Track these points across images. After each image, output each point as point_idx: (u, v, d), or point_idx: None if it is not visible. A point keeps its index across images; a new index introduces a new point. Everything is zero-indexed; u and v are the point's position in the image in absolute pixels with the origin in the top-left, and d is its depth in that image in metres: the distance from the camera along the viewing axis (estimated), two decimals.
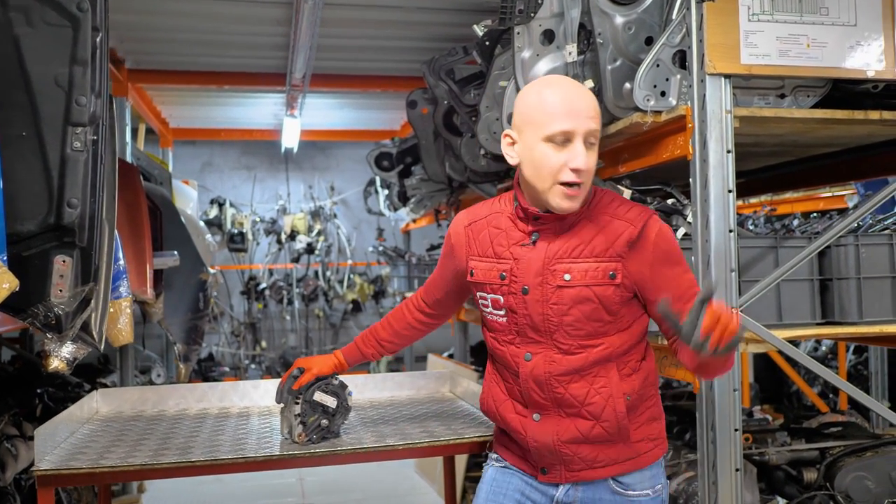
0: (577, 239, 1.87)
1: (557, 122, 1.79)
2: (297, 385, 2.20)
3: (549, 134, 1.79)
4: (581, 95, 1.83)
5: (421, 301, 2.27)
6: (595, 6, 2.72)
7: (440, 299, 2.23)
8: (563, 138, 1.79)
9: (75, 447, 2.19)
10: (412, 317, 2.28)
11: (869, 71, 2.55)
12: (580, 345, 1.87)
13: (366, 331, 2.33)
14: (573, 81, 1.92)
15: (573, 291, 1.85)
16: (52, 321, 2.10)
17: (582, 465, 1.91)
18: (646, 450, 1.94)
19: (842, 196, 5.82)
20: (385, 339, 2.29)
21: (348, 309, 9.55)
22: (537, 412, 1.91)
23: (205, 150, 9.41)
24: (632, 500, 1.93)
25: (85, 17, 2.09)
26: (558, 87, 1.86)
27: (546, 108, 1.81)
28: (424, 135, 4.77)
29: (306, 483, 5.74)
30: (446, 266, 2.14)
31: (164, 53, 5.60)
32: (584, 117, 1.79)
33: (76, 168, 2.08)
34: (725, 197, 2.43)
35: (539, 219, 1.89)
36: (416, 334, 2.31)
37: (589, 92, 1.87)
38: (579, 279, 1.85)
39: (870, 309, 2.73)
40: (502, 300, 1.92)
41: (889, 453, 2.97)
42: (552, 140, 1.80)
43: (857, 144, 3.23)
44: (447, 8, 4.57)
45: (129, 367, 5.13)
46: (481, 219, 2.01)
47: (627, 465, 1.92)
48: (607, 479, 1.92)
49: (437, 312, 2.26)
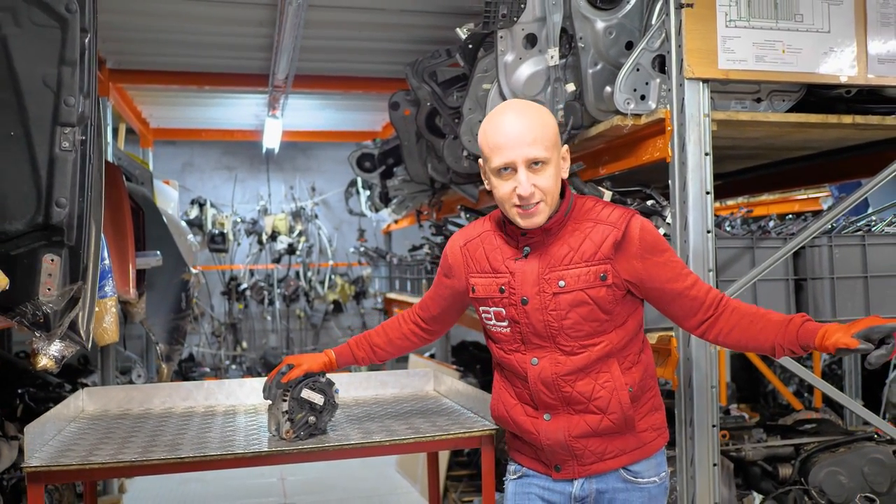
0: (566, 247, 1.96)
1: (497, 157, 1.91)
2: (285, 379, 2.24)
3: (494, 168, 1.93)
4: (519, 123, 1.91)
5: (417, 316, 2.36)
6: (577, 11, 2.78)
7: (436, 315, 2.32)
8: (506, 169, 1.91)
9: (64, 445, 2.20)
10: (407, 328, 2.36)
11: (842, 76, 2.62)
12: (581, 345, 1.96)
13: (359, 335, 2.40)
14: (519, 107, 1.98)
15: (569, 296, 1.94)
16: (40, 319, 2.12)
17: (593, 459, 2.00)
18: (650, 439, 2.04)
19: (816, 198, 5.92)
20: (378, 345, 2.36)
21: (329, 309, 9.56)
22: (547, 412, 2.00)
23: (185, 151, 9.37)
24: (641, 488, 2.03)
25: (73, 19, 2.11)
26: (498, 119, 1.95)
27: (488, 143, 1.94)
28: (407, 136, 4.81)
29: (288, 483, 5.74)
30: (443, 284, 2.23)
31: (145, 54, 5.60)
32: (523, 146, 1.89)
33: (65, 168, 2.10)
34: (703, 198, 2.49)
35: (526, 234, 1.99)
36: (409, 345, 2.38)
37: (533, 114, 1.94)
38: (573, 284, 1.94)
39: (843, 308, 2.81)
40: (504, 312, 2.02)
41: (861, 449, 3.05)
42: (498, 172, 1.92)
43: (832, 148, 3.31)
44: (429, 11, 4.61)
45: (111, 368, 5.12)
46: (475, 238, 2.12)
47: (635, 455, 2.01)
48: (618, 470, 2.01)
49: (431, 328, 2.36)
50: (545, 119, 1.94)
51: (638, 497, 2.03)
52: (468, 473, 4.99)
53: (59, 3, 2.09)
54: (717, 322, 1.95)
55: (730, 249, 2.79)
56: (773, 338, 1.89)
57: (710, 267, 2.49)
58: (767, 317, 1.91)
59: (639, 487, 2.03)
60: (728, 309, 1.95)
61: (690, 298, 1.96)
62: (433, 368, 3.13)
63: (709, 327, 1.97)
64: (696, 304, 1.96)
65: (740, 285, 2.60)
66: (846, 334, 1.76)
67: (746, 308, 1.94)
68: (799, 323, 1.86)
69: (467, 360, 5.99)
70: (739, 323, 1.93)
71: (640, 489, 2.03)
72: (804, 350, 1.86)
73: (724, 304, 1.95)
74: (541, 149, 1.89)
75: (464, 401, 2.65)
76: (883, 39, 2.64)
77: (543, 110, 1.98)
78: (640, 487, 2.03)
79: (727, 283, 2.65)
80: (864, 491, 2.95)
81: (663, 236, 2.65)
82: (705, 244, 2.49)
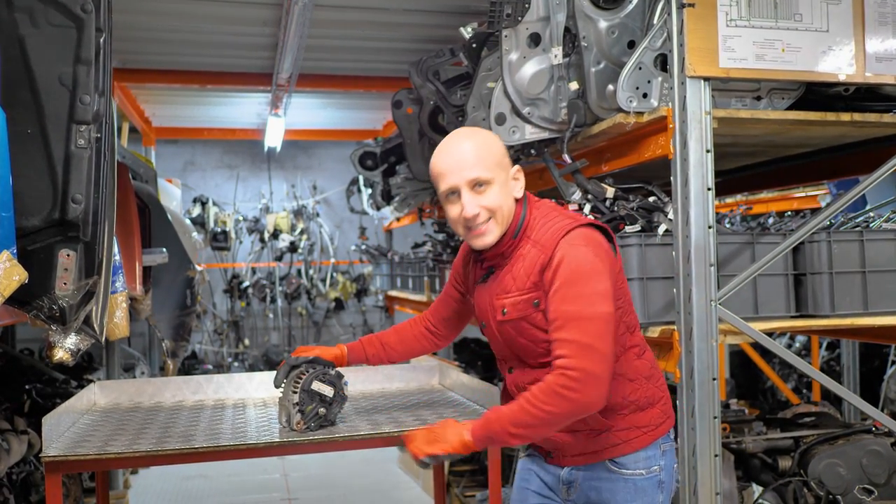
0: (509, 274, 2.03)
1: (442, 183, 2.02)
2: (295, 353, 2.34)
3: (441, 193, 2.04)
4: (458, 148, 2.00)
5: (427, 319, 2.44)
6: (580, 11, 2.83)
7: (446, 318, 2.41)
8: (453, 193, 2.00)
9: (79, 436, 2.25)
10: (418, 330, 2.45)
11: (840, 75, 2.67)
12: (541, 363, 2.01)
13: (371, 335, 2.47)
14: (459, 134, 2.07)
15: (512, 325, 2.02)
16: (56, 313, 2.16)
17: (575, 452, 2.09)
18: (634, 436, 2.06)
19: (815, 196, 5.97)
20: (389, 345, 2.43)
21: (331, 307, 9.60)
22: None
23: (187, 149, 9.41)
24: (626, 479, 2.06)
25: (89, 19, 2.15)
26: (441, 148, 2.05)
27: (433, 170, 2.04)
28: (409, 134, 4.85)
29: (291, 479, 5.79)
30: (453, 287, 2.35)
31: (148, 53, 5.63)
32: (462, 169, 1.98)
33: (80, 165, 2.14)
34: (705, 194, 2.54)
35: (484, 259, 2.09)
36: (420, 347, 2.46)
37: (473, 138, 2.02)
38: (512, 312, 2.01)
39: (841, 302, 2.85)
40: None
41: (859, 441, 3.10)
42: (446, 198, 2.03)
43: (830, 145, 3.35)
44: (433, 10, 4.65)
45: (116, 364, 5.16)
46: (468, 252, 2.24)
47: (617, 451, 2.05)
48: (603, 461, 2.06)
49: (441, 332, 2.44)
50: (487, 141, 2.02)
51: (622, 487, 2.06)
52: (470, 468, 5.04)
53: (74, 3, 2.13)
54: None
55: (730, 245, 2.83)
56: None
57: (712, 262, 2.54)
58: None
59: (623, 478, 2.06)
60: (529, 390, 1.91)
61: (552, 339, 1.91)
62: (438, 363, 3.17)
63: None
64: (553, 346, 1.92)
65: (741, 280, 2.65)
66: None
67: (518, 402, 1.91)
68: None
69: (469, 357, 6.04)
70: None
71: (624, 480, 2.06)
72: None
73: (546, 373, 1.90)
74: (481, 169, 1.97)
75: (469, 393, 2.69)
76: (880, 38, 2.68)
77: (487, 134, 2.07)
78: (624, 478, 2.06)
79: (728, 277, 2.69)
80: (863, 482, 3.00)
81: (665, 232, 2.71)
82: (706, 239, 2.53)
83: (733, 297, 2.66)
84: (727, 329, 2.63)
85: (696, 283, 2.53)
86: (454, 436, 1.93)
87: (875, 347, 5.90)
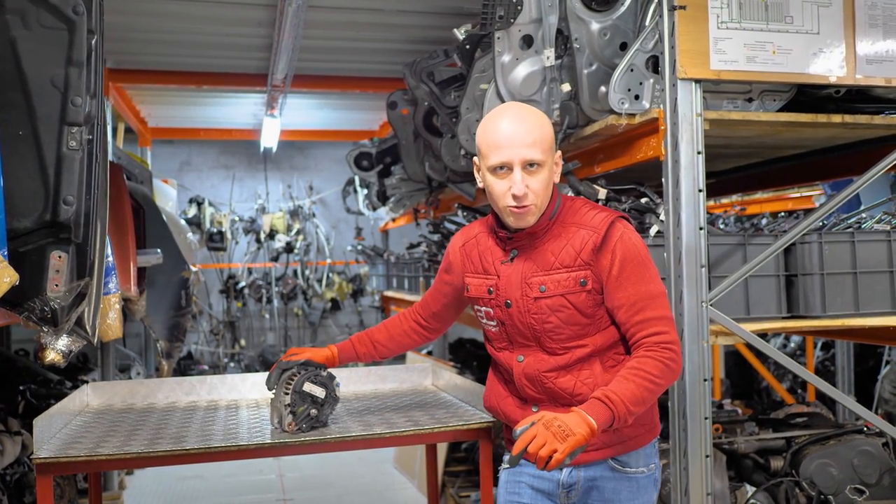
0: (549, 252, 2.02)
1: (494, 155, 1.95)
2: (284, 357, 2.33)
3: (490, 165, 1.97)
4: (519, 125, 1.96)
5: (417, 314, 2.43)
6: (572, 13, 2.83)
7: (436, 312, 2.39)
8: (502, 168, 1.95)
9: (71, 437, 2.25)
10: (408, 325, 2.43)
11: (831, 76, 2.68)
12: (564, 347, 2.02)
13: (360, 332, 2.46)
14: (518, 110, 2.02)
15: (549, 301, 2.00)
16: (48, 315, 2.16)
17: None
18: (636, 434, 2.07)
19: (809, 196, 5.98)
20: (379, 341, 2.42)
21: (327, 307, 9.61)
22: (535, 404, 2.07)
23: (183, 150, 9.42)
24: (629, 477, 2.07)
25: (80, 21, 2.16)
26: (499, 119, 2.00)
27: (487, 141, 1.98)
28: (404, 135, 4.86)
29: (286, 479, 5.79)
30: (444, 281, 2.31)
31: (144, 53, 5.64)
32: (520, 146, 1.93)
33: (72, 166, 2.15)
34: (696, 196, 2.55)
35: (512, 238, 2.05)
36: (409, 342, 2.45)
37: (532, 118, 1.98)
38: (553, 289, 2.00)
39: (832, 303, 2.86)
40: (492, 312, 2.09)
41: (851, 441, 3.11)
42: (494, 171, 1.97)
43: (823, 146, 3.36)
44: (427, 11, 4.66)
45: (110, 365, 5.16)
46: (472, 238, 2.19)
47: (620, 448, 2.05)
48: (606, 460, 2.06)
49: (431, 325, 2.42)
50: (544, 123, 1.99)
51: (626, 486, 2.07)
52: (465, 469, 5.04)
53: (66, 5, 2.14)
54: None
55: (722, 246, 2.84)
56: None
57: (703, 263, 2.55)
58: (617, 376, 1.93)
59: (627, 477, 2.07)
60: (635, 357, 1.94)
61: (623, 322, 1.97)
62: (431, 364, 3.18)
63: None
64: (624, 328, 1.99)
65: (732, 281, 2.66)
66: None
67: (632, 366, 1.92)
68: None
69: (464, 357, 6.04)
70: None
71: (628, 479, 2.07)
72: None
73: (641, 351, 1.94)
74: (538, 151, 1.94)
75: (462, 395, 2.70)
76: (871, 40, 2.70)
77: (543, 115, 2.03)
78: (628, 477, 2.07)
79: (719, 278, 2.70)
80: (854, 482, 3.01)
81: (657, 234, 2.72)
82: (698, 241, 2.54)
83: (725, 298, 2.67)
84: (719, 330, 2.64)
85: (688, 284, 2.54)
86: (580, 425, 1.77)
87: (870, 347, 5.92)
